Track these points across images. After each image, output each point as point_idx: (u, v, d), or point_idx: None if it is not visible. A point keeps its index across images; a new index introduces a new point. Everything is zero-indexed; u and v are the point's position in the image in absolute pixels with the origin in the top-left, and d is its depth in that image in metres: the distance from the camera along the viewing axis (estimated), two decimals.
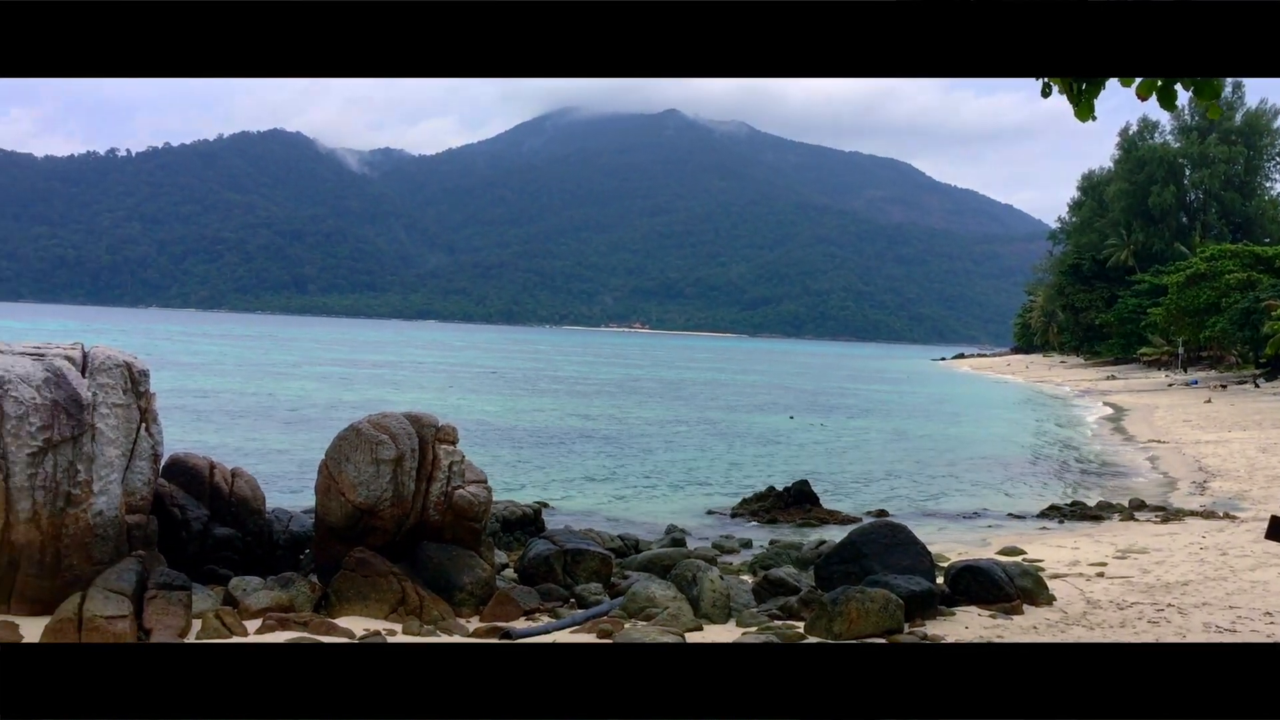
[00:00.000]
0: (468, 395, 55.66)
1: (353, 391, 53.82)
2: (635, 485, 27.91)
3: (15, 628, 10.84)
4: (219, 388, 51.84)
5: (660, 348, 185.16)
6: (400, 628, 12.00)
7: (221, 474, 15.30)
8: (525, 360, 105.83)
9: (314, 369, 73.02)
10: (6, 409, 11.90)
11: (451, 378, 70.68)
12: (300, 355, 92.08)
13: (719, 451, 36.15)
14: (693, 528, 21.82)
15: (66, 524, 12.12)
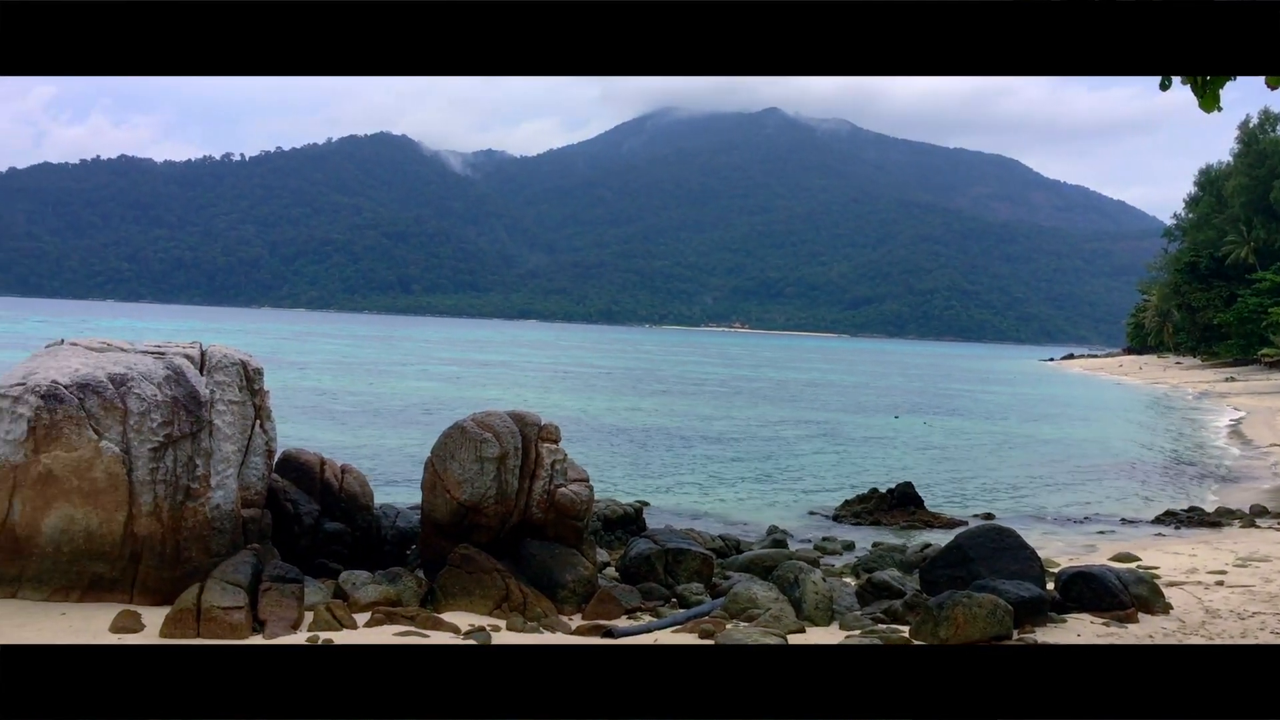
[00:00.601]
0: (569, 394, 56.10)
1: (457, 390, 54.66)
2: (736, 485, 27.81)
3: (138, 617, 11.23)
4: (328, 386, 53.10)
5: (761, 347, 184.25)
6: (504, 624, 12.13)
7: (332, 470, 15.67)
8: (626, 360, 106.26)
9: (419, 367, 74.34)
10: (130, 406, 12.35)
11: (553, 377, 71.32)
12: (405, 354, 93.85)
13: (821, 452, 35.83)
14: (794, 529, 21.66)
15: (185, 517, 12.53)
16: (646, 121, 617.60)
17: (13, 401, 12.14)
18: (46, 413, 12.02)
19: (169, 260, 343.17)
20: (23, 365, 13.09)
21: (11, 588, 11.90)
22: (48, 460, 12.01)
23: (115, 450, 12.15)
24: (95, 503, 12.07)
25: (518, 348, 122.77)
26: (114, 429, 12.25)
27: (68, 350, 13.46)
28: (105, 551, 12.06)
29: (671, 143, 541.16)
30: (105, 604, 11.77)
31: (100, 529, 12.05)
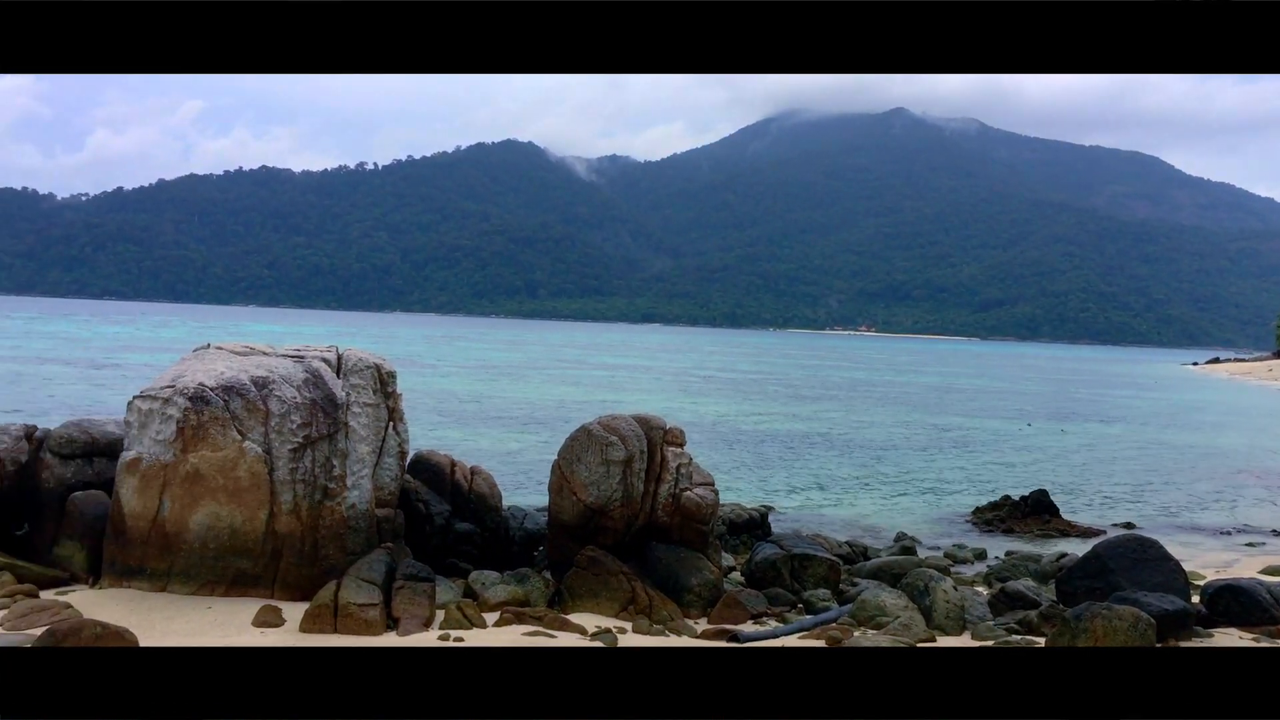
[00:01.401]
0: (694, 397, 56.10)
1: (582, 393, 55.16)
2: (863, 490, 27.41)
3: (279, 612, 11.61)
4: (457, 388, 54.15)
5: (888, 351, 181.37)
6: (630, 626, 12.18)
7: (461, 471, 15.97)
8: (750, 363, 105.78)
9: (545, 371, 75.28)
10: (271, 407, 12.79)
11: (677, 380, 71.42)
12: (531, 358, 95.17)
13: (951, 458, 35.06)
14: (923, 535, 21.24)
15: (323, 516, 12.91)
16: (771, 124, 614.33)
17: (163, 403, 12.69)
18: (194, 414, 12.54)
19: (306, 267, 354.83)
20: (172, 368, 13.69)
21: (161, 582, 12.43)
22: (195, 459, 12.52)
23: (258, 450, 12.60)
24: (239, 501, 12.53)
25: (642, 351, 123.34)
26: (256, 430, 12.70)
27: (213, 354, 14.01)
28: (248, 548, 12.51)
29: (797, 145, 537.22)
30: (248, 599, 12.21)
31: (244, 526, 12.51)
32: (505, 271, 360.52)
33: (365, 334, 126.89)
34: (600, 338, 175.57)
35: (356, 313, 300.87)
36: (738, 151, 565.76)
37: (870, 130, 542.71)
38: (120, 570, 12.65)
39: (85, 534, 13.25)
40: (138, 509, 12.64)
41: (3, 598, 11.89)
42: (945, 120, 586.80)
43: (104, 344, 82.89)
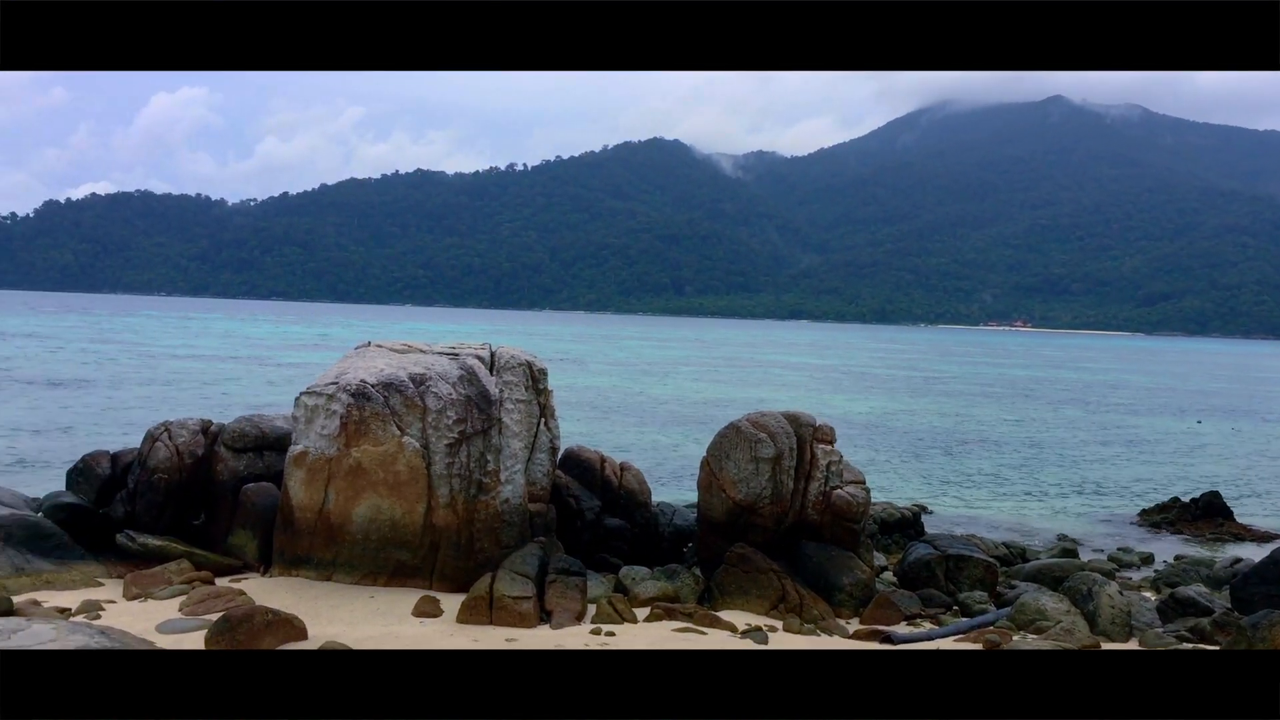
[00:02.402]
0: (843, 394, 55.39)
1: (730, 390, 55.05)
2: (1020, 491, 26.59)
3: (437, 602, 11.93)
4: (606, 385, 54.71)
5: (1045, 347, 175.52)
6: (781, 625, 12.09)
7: (611, 467, 16.12)
8: (901, 360, 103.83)
9: (693, 368, 75.40)
10: (428, 404, 13.14)
11: (826, 377, 70.60)
12: (679, 355, 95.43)
13: (1114, 457, 33.72)
14: (1085, 537, 20.49)
15: (478, 510, 13.20)
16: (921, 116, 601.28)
17: (327, 399, 13.18)
18: (356, 410, 12.98)
19: (459, 266, 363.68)
20: (336, 366, 14.20)
21: (327, 571, 12.93)
22: (357, 454, 12.97)
23: (416, 445, 12.97)
24: (399, 494, 12.92)
25: (790, 348, 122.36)
26: (414, 425, 13.07)
27: (374, 352, 14.49)
28: (408, 540, 12.90)
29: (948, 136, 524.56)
30: (408, 589, 12.58)
31: (403, 519, 12.90)
32: (652, 269, 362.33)
33: (516, 331, 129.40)
34: (747, 334, 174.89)
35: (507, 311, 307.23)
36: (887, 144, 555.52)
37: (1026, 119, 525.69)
38: (289, 559, 13.20)
39: (256, 524, 13.87)
40: (304, 500, 13.16)
41: (181, 584, 12.54)
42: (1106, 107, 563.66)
43: (272, 342, 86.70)
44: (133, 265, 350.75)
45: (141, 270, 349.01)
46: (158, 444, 14.59)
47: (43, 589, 12.50)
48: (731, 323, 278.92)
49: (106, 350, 67.43)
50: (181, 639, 10.22)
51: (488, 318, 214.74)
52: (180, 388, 43.96)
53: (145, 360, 60.33)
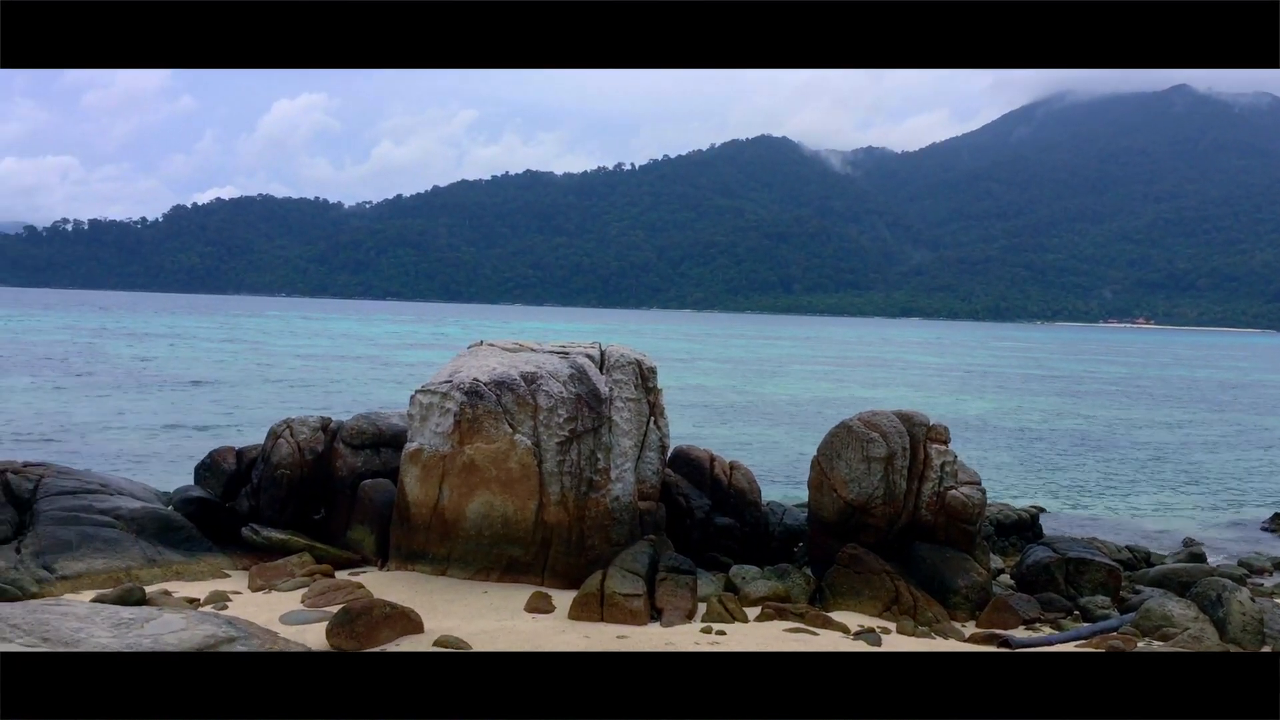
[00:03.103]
0: (957, 394, 54.35)
1: (840, 389, 54.50)
2: (1143, 493, 25.76)
3: (549, 599, 12.06)
4: (715, 384, 54.64)
5: (1169, 345, 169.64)
6: (894, 627, 11.92)
7: (721, 466, 16.08)
8: (1016, 358, 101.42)
9: (801, 366, 74.84)
10: (539, 402, 13.29)
11: (939, 376, 69.35)
12: (788, 353, 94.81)
13: (1244, 458, 32.42)
14: (1213, 542, 19.76)
15: (589, 508, 13.30)
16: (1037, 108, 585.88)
17: (441, 397, 13.43)
18: (469, 408, 13.19)
19: (568, 266, 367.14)
20: (449, 365, 14.46)
21: (441, 566, 13.17)
22: (470, 451, 13.18)
23: (527, 443, 13.12)
24: (511, 491, 13.09)
25: (901, 346, 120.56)
26: (526, 423, 13.22)
27: (486, 351, 14.71)
28: (520, 537, 13.06)
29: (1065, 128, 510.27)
30: (520, 585, 12.75)
31: (515, 515, 13.07)
32: (760, 267, 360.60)
33: (625, 330, 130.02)
34: (857, 332, 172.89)
35: (615, 310, 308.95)
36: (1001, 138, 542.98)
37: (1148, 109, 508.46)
38: (405, 554, 13.48)
39: (374, 519, 14.21)
40: (420, 497, 13.43)
41: (304, 576, 12.92)
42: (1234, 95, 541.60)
43: (387, 342, 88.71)
44: (255, 267, 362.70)
45: (263, 272, 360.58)
46: (280, 440, 15.05)
47: (173, 579, 12.99)
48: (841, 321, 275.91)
49: (231, 349, 69.81)
50: (304, 630, 10.52)
51: (596, 317, 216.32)
52: (300, 386, 45.27)
53: (267, 359, 62.29)
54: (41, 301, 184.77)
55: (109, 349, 65.51)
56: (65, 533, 13.13)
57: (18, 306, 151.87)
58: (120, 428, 30.05)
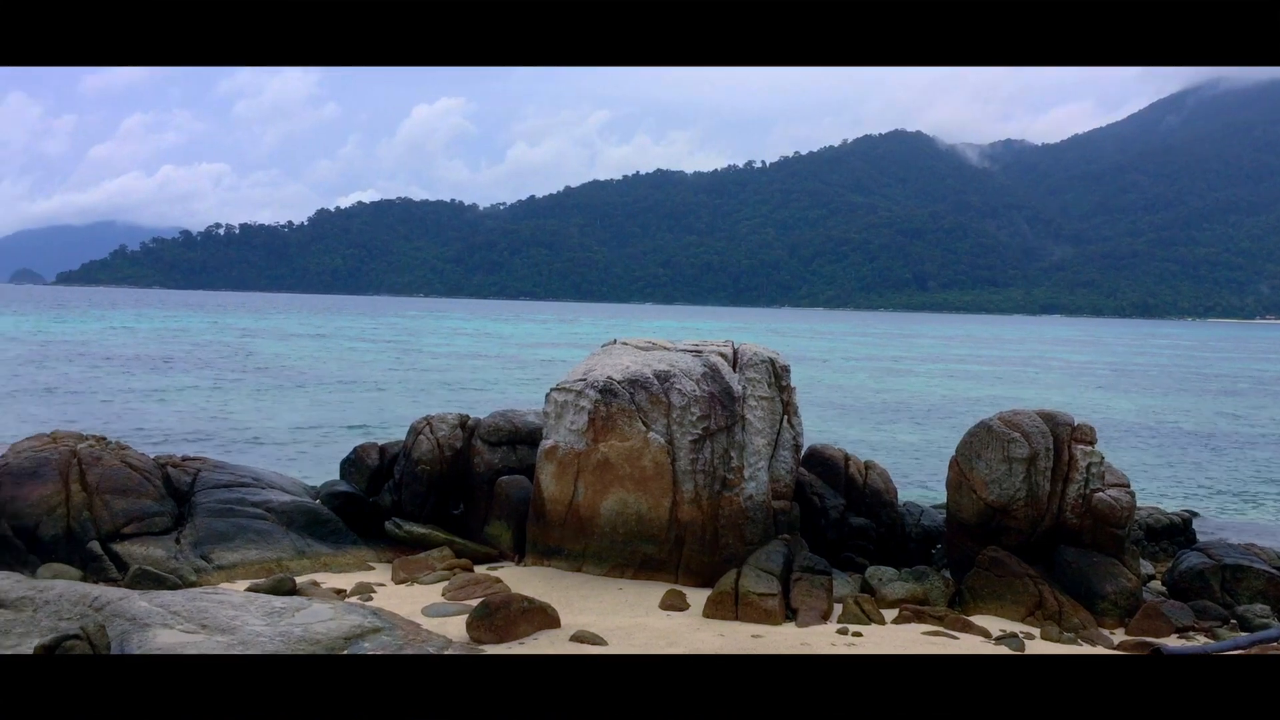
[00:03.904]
0: (1103, 393, 52.51)
1: (978, 388, 53.22)
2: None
3: (683, 596, 12.08)
4: (847, 382, 53.99)
5: None
6: (1038, 632, 11.58)
7: (856, 466, 15.87)
8: (1165, 356, 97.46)
9: (937, 364, 73.35)
10: (673, 400, 13.33)
11: (1084, 374, 67.12)
12: (923, 351, 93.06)
13: None
14: None
15: (722, 506, 13.29)
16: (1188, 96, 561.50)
17: (576, 395, 13.59)
18: (603, 406, 13.32)
19: (698, 264, 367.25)
20: (583, 363, 14.63)
21: (577, 562, 13.33)
22: (605, 449, 13.30)
23: (661, 441, 13.18)
24: (644, 489, 13.17)
25: (1043, 344, 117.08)
26: (659, 421, 13.28)
27: (619, 349, 14.83)
28: (654, 534, 13.13)
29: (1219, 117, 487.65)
30: (655, 582, 12.80)
31: (649, 513, 13.14)
32: (894, 264, 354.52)
33: (756, 329, 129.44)
34: (996, 330, 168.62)
35: (746, 308, 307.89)
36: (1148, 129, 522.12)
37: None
38: (541, 550, 13.69)
39: (511, 515, 14.47)
40: (555, 493, 13.61)
41: (444, 570, 13.23)
42: None
43: (521, 340, 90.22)
44: (394, 268, 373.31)
45: (402, 273, 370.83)
46: (420, 437, 15.45)
47: (320, 571, 13.46)
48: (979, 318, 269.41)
49: (373, 349, 71.95)
50: (444, 623, 10.77)
51: (727, 315, 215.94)
52: (439, 383, 46.39)
53: (407, 357, 64.01)
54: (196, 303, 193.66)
55: (259, 348, 68.24)
56: (221, 524, 13.73)
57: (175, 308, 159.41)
58: (269, 424, 31.27)
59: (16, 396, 35.28)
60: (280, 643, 9.39)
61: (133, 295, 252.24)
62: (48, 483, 13.44)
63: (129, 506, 13.55)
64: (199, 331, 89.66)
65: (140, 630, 9.48)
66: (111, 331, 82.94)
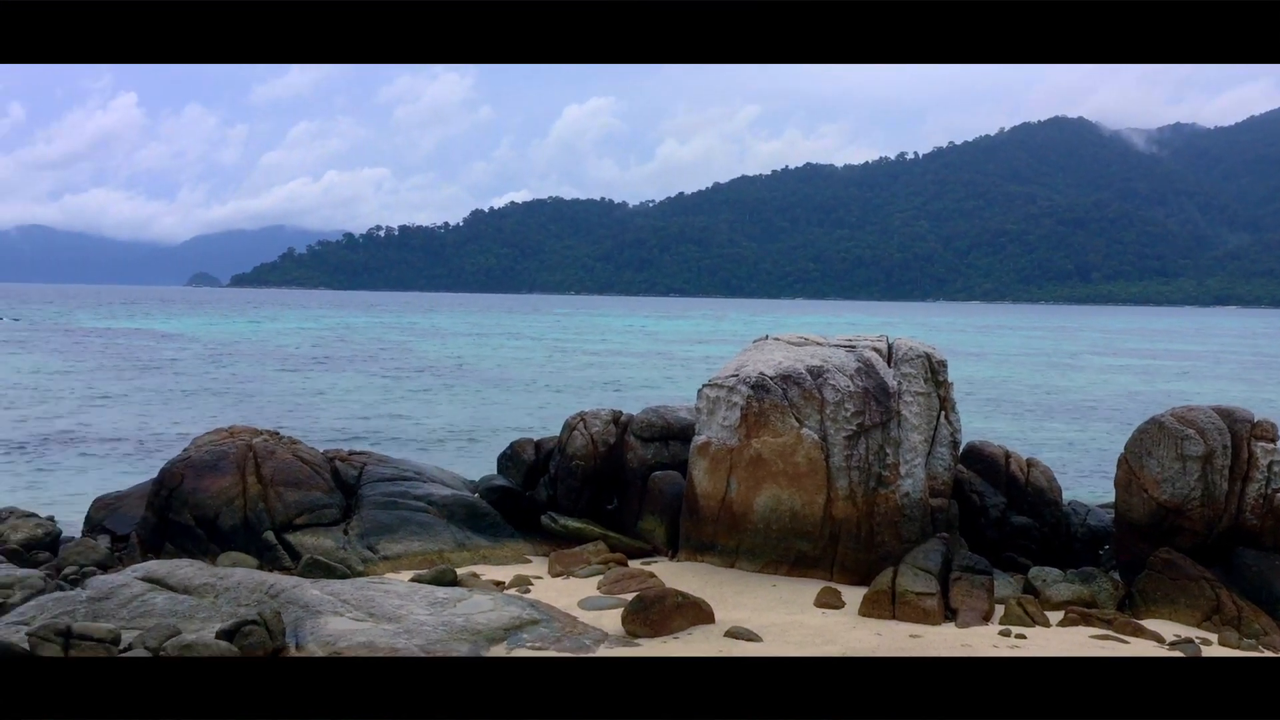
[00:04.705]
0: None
1: (1147, 383, 51.02)
2: None
3: (838, 594, 11.95)
4: (1006, 377, 52.48)
5: None
6: (1215, 638, 11.04)
7: (1017, 463, 15.41)
8: None
9: (1102, 359, 70.62)
10: (826, 396, 13.20)
11: (1262, 368, 63.60)
12: (1086, 345, 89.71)
13: None
14: None
15: (877, 503, 13.09)
16: None
17: (728, 391, 13.58)
18: (755, 401, 13.28)
19: (849, 259, 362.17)
20: (735, 359, 14.61)
21: (730, 558, 13.32)
22: (757, 444, 13.25)
23: (814, 437, 13.06)
24: (798, 485, 13.07)
25: (1217, 337, 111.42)
26: (812, 417, 13.17)
27: (771, 345, 14.76)
28: (808, 531, 13.02)
29: None
30: (809, 579, 12.70)
31: (803, 510, 13.03)
32: (1054, 255, 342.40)
33: (910, 323, 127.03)
34: (1165, 323, 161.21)
35: (899, 302, 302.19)
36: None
37: None
38: (695, 545, 13.73)
39: (664, 510, 14.56)
40: (708, 489, 13.63)
41: (599, 564, 13.40)
42: None
43: (672, 336, 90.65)
44: (546, 267, 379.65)
45: (553, 271, 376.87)
46: (575, 432, 15.68)
47: (480, 563, 13.81)
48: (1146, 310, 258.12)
49: (527, 345, 73.39)
50: (600, 616, 10.91)
51: (880, 309, 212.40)
52: (591, 380, 47.00)
53: (560, 354, 65.06)
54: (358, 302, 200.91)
55: (419, 346, 70.39)
56: (386, 516, 14.22)
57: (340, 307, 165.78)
58: (429, 418, 32.23)
59: (200, 395, 37.26)
60: (443, 631, 9.68)
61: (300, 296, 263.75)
62: (226, 475, 14.15)
63: (301, 498, 14.16)
64: (363, 329, 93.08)
65: (313, 617, 9.91)
66: (282, 332, 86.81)
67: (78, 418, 30.01)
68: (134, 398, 35.83)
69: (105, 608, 10.10)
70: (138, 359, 54.14)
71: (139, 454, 24.50)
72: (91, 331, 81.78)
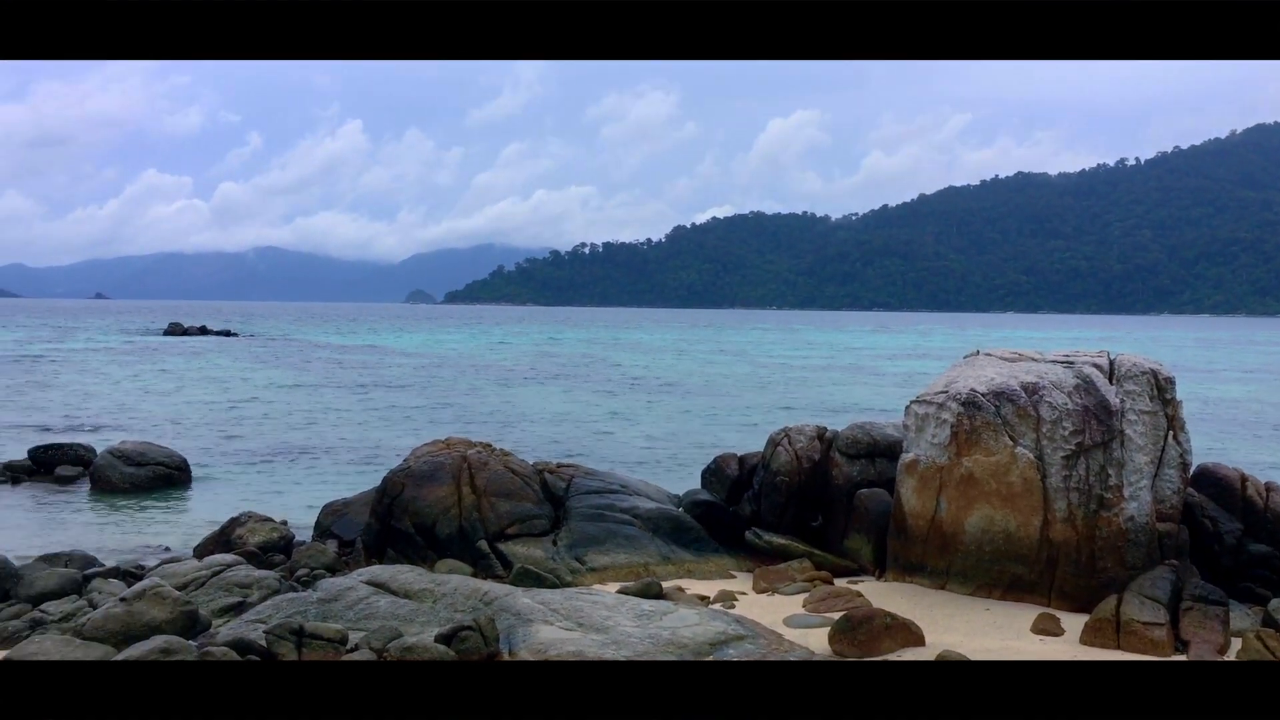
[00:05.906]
0: None
1: None
2: None
3: (1057, 621, 11.45)
4: (1241, 395, 49.14)
5: None
6: None
7: (1255, 488, 14.40)
8: None
9: None
10: (1042, 414, 12.68)
11: None
12: None
13: None
14: None
15: (1099, 526, 12.47)
16: None
17: (937, 408, 13.24)
18: (966, 419, 12.89)
19: (1064, 270, 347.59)
20: (944, 375, 14.22)
21: (940, 580, 12.95)
22: (968, 463, 12.86)
23: (1029, 456, 12.57)
24: (1012, 506, 12.60)
25: None
26: (1027, 436, 12.68)
27: (983, 360, 14.29)
28: (1023, 554, 12.52)
29: None
30: (1024, 605, 12.21)
31: (1018, 531, 12.55)
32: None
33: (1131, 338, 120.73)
34: None
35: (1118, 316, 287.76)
36: None
37: None
38: (903, 565, 13.42)
39: (870, 529, 14.30)
40: (917, 508, 13.31)
41: (804, 581, 13.28)
42: None
43: (876, 351, 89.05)
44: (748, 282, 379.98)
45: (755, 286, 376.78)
46: (779, 448, 15.60)
47: (684, 577, 13.90)
48: None
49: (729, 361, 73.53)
50: (806, 634, 10.81)
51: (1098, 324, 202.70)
52: (795, 395, 46.67)
53: (763, 369, 64.89)
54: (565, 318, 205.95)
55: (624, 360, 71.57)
56: (593, 528, 14.51)
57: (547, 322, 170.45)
58: (634, 433, 32.69)
59: (421, 408, 38.97)
60: (650, 644, 9.79)
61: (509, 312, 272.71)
62: (443, 485, 14.76)
63: (512, 509, 14.62)
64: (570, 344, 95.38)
65: (524, 625, 10.20)
66: (493, 347, 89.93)
67: (307, 431, 31.86)
68: (357, 410, 37.80)
69: (333, 609, 10.68)
70: (364, 371, 57.10)
71: (360, 463, 25.80)
72: (325, 346, 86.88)
